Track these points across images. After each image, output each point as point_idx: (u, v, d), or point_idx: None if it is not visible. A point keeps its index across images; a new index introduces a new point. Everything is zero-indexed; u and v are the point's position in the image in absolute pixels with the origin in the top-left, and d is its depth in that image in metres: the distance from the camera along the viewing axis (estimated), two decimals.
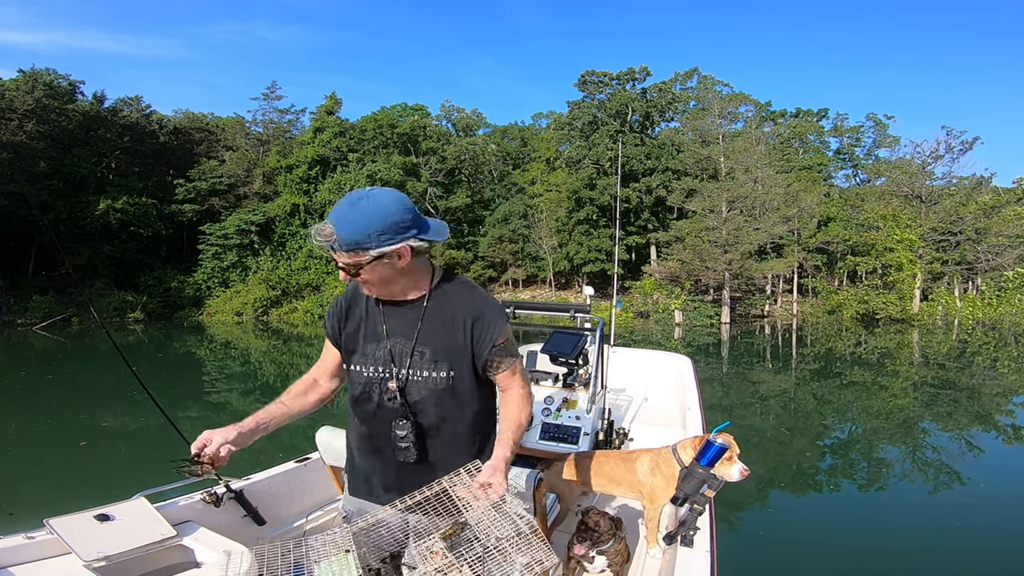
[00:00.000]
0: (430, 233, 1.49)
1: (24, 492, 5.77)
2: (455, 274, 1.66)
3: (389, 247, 1.40)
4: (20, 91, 31.51)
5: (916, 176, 29.81)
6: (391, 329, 1.57)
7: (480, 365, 1.57)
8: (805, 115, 40.44)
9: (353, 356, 1.63)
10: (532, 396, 1.64)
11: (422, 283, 1.58)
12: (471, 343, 1.55)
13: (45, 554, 1.85)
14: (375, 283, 1.50)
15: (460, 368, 1.56)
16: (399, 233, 1.41)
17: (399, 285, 1.54)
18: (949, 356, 16.99)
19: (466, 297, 1.58)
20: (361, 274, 1.45)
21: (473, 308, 1.56)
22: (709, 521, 2.27)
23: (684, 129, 34.87)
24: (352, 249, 1.39)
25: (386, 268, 1.45)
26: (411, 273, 1.53)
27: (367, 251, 1.39)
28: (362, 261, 1.41)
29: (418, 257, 1.52)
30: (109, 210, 31.97)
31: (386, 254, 1.41)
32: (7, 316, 27.14)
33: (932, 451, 7.62)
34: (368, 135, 36.59)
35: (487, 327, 1.54)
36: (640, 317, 29.35)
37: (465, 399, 1.58)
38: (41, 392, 11.42)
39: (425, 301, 1.56)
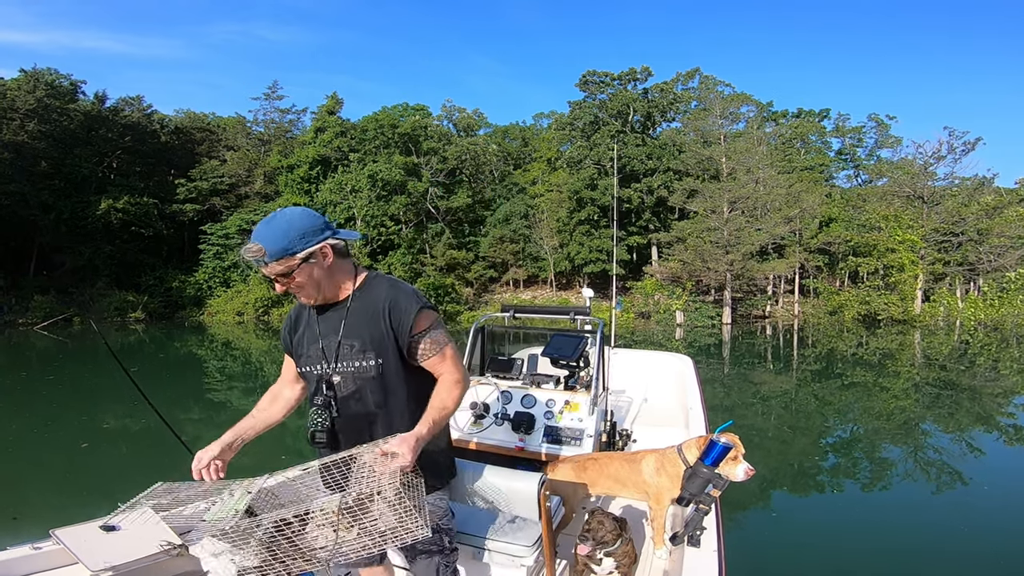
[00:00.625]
0: (343, 234, 1.67)
1: (27, 495, 5.77)
2: (380, 273, 1.78)
3: (312, 247, 1.58)
4: (22, 91, 31.51)
5: (918, 177, 29.75)
6: (323, 329, 1.72)
7: (406, 352, 1.68)
8: (807, 115, 40.38)
9: (300, 360, 1.79)
10: (465, 382, 1.70)
11: (348, 284, 1.72)
12: (392, 331, 1.65)
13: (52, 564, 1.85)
14: (308, 287, 1.64)
15: (386, 356, 1.66)
16: (316, 234, 1.59)
17: (329, 287, 1.68)
18: (951, 357, 16.96)
19: (384, 289, 1.70)
20: (295, 278, 1.60)
21: (389, 298, 1.67)
22: (716, 521, 2.27)
23: (685, 129, 34.80)
24: (280, 257, 1.56)
25: (314, 269, 1.61)
26: (337, 274, 1.68)
27: (295, 255, 1.56)
28: (292, 265, 1.57)
29: (342, 259, 1.68)
30: (110, 210, 31.98)
31: (312, 254, 1.58)
32: (8, 316, 27.15)
33: (934, 452, 7.62)
34: (369, 135, 36.56)
35: (402, 314, 1.65)
36: (641, 318, 29.33)
37: (395, 385, 1.68)
38: (42, 393, 11.42)
39: (349, 300, 1.70)
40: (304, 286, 1.64)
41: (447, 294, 31.52)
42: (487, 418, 3.27)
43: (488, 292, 35.93)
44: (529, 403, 3.32)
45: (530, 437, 3.17)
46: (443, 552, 1.76)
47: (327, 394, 1.68)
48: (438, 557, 1.76)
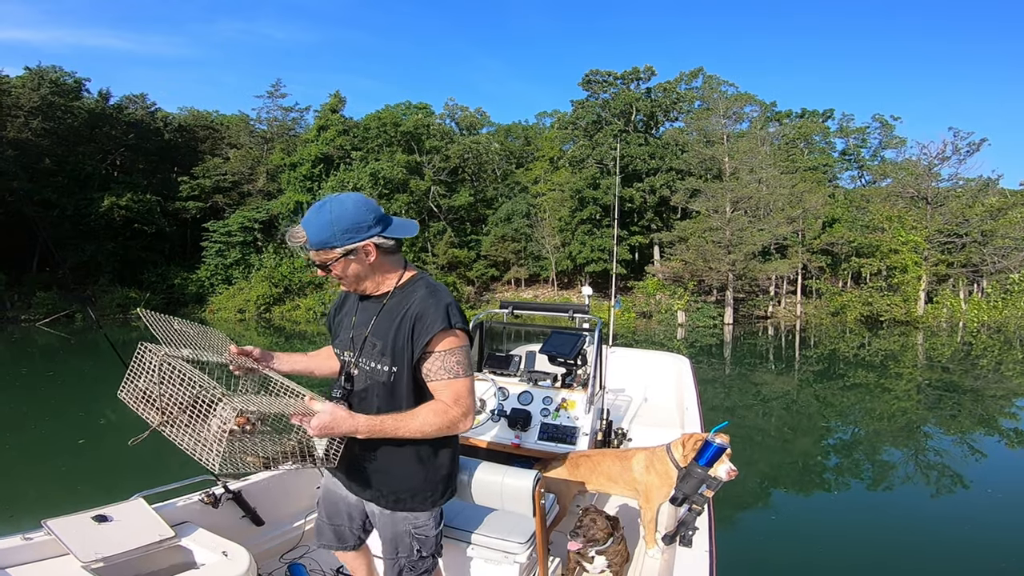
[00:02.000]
0: (394, 231, 1.60)
1: (22, 491, 5.75)
2: (427, 277, 1.70)
3: (354, 244, 1.54)
4: (26, 88, 31.60)
5: (922, 177, 29.64)
6: (358, 320, 1.70)
7: (417, 366, 1.60)
8: (810, 116, 40.25)
9: (335, 342, 1.81)
10: (454, 419, 1.57)
11: (391, 280, 1.67)
12: (411, 342, 1.58)
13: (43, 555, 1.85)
14: (348, 279, 1.63)
15: (401, 366, 1.60)
16: (362, 231, 1.54)
17: (371, 281, 1.65)
18: (953, 359, 16.89)
19: (420, 297, 1.62)
20: (332, 270, 1.59)
21: (420, 308, 1.59)
22: (708, 521, 2.27)
23: (688, 129, 34.74)
24: (320, 248, 1.54)
25: (356, 264, 1.59)
26: (381, 270, 1.64)
27: (334, 248, 1.54)
28: (330, 258, 1.56)
29: (389, 255, 1.64)
30: (113, 207, 32.06)
31: (353, 250, 1.55)
32: (11, 312, 27.21)
33: (936, 454, 7.59)
34: (372, 133, 36.59)
35: (424, 328, 1.56)
36: (643, 317, 29.30)
37: (403, 398, 1.61)
38: (41, 389, 11.41)
39: (387, 297, 1.65)
40: (343, 278, 1.63)
41: None
42: (483, 414, 3.27)
43: (489, 291, 35.94)
44: (526, 400, 3.32)
45: (526, 434, 3.17)
46: (410, 556, 1.74)
47: (344, 386, 1.68)
48: (404, 560, 1.74)
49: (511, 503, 2.07)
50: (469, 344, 1.65)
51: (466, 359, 1.61)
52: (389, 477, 1.67)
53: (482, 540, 2.22)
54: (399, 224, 1.62)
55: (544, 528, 2.12)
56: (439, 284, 1.70)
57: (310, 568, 2.50)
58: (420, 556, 1.75)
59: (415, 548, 1.73)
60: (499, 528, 2.23)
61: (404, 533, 1.72)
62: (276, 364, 1.78)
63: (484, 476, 2.10)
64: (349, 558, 2.03)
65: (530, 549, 2.20)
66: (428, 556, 1.77)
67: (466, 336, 1.63)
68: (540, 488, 2.05)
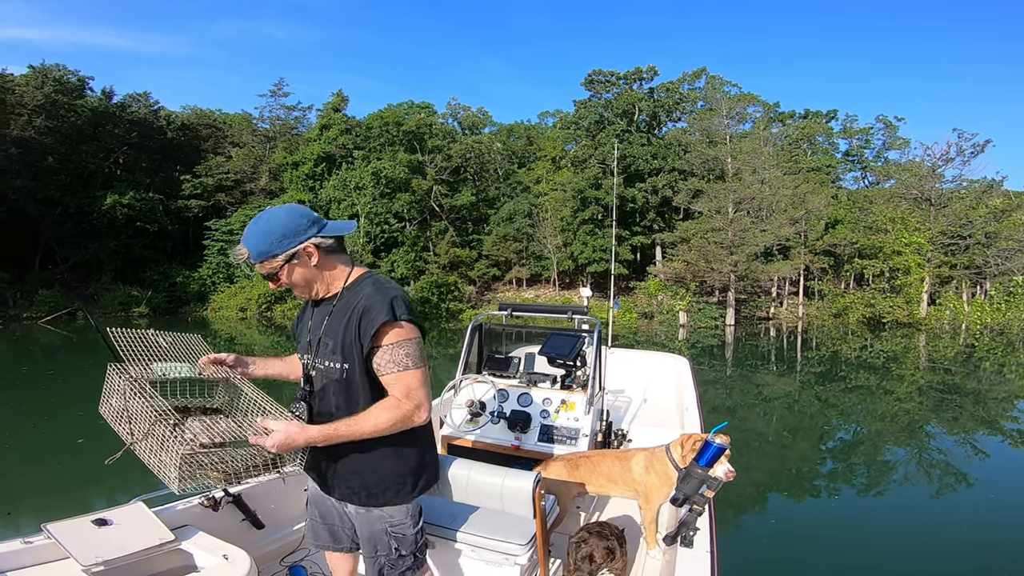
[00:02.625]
0: (331, 230, 1.63)
1: (21, 491, 5.75)
2: (375, 274, 1.72)
3: (293, 248, 1.58)
4: (30, 87, 31.68)
5: (926, 179, 29.54)
6: (314, 323, 1.74)
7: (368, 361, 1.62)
8: (814, 116, 40.13)
9: (298, 347, 1.85)
10: (407, 412, 1.58)
11: (339, 281, 1.70)
12: (358, 337, 1.60)
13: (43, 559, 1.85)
14: (298, 285, 1.66)
15: (352, 362, 1.62)
16: (299, 235, 1.58)
17: (320, 284, 1.68)
18: (956, 361, 16.84)
19: (365, 293, 1.64)
20: (281, 278, 1.62)
21: (366, 303, 1.60)
22: (709, 522, 2.27)
23: (691, 129, 34.68)
24: (263, 259, 1.59)
25: (300, 268, 1.62)
26: (328, 271, 1.67)
27: (276, 257, 1.58)
28: (275, 267, 1.60)
29: (333, 256, 1.67)
30: (116, 205, 32.13)
31: (294, 254, 1.59)
32: (13, 310, 27.27)
33: (936, 455, 7.57)
34: (374, 132, 36.59)
35: (370, 322, 1.58)
36: (644, 318, 29.26)
37: (357, 394, 1.64)
38: (41, 388, 11.42)
39: (337, 298, 1.68)
40: (294, 285, 1.66)
41: (450, 292, 31.54)
42: (483, 416, 3.27)
43: (491, 291, 35.93)
44: (525, 402, 3.32)
45: (526, 436, 3.17)
46: (388, 555, 1.76)
47: (305, 387, 1.72)
48: (383, 558, 1.76)
49: (512, 504, 2.07)
50: (420, 336, 1.66)
51: (416, 351, 1.62)
52: (358, 475, 1.69)
53: (483, 542, 2.22)
54: (335, 225, 1.66)
55: (545, 529, 2.12)
56: (387, 280, 1.72)
57: (311, 571, 2.50)
58: (399, 555, 1.76)
59: (393, 547, 1.75)
60: (500, 530, 2.23)
61: (381, 532, 1.75)
62: (252, 369, 1.83)
63: (485, 478, 2.10)
64: (341, 561, 2.03)
65: (531, 550, 2.20)
66: (408, 555, 1.78)
67: (414, 328, 1.63)
68: (540, 490, 2.05)
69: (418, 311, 24.42)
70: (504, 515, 2.21)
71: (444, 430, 3.33)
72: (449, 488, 2.15)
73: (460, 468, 2.14)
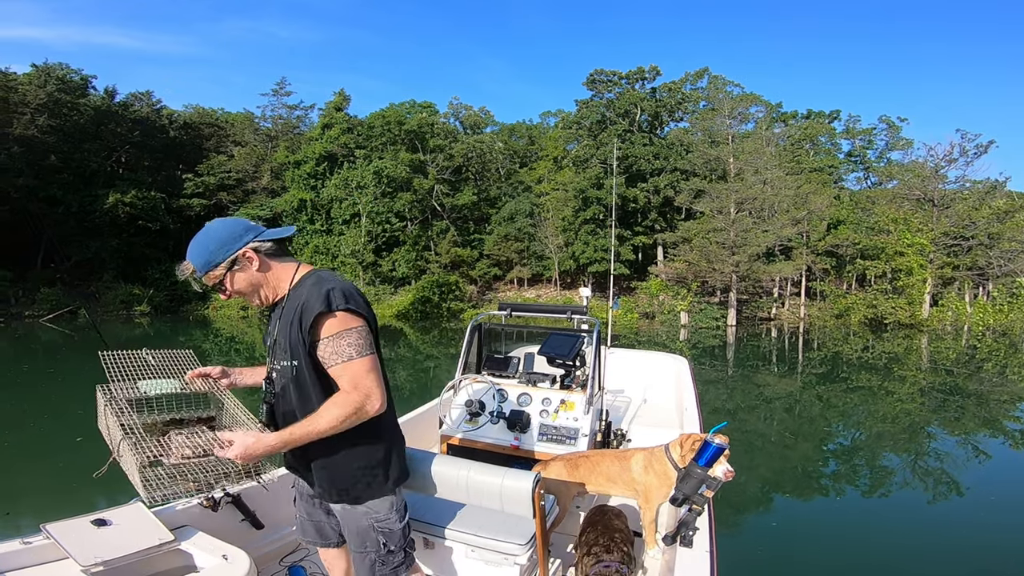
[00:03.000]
0: (269, 234, 1.70)
1: (20, 490, 5.74)
2: (320, 271, 1.74)
3: (232, 254, 1.63)
4: (33, 85, 31.73)
5: (929, 179, 29.47)
6: (271, 326, 1.79)
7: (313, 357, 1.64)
8: (817, 117, 40.05)
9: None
10: (359, 403, 1.59)
11: (285, 283, 1.73)
12: (300, 333, 1.62)
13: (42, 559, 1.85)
14: (246, 291, 1.71)
15: (300, 359, 1.65)
16: (236, 241, 1.64)
17: (267, 288, 1.72)
18: (958, 362, 16.80)
19: (306, 288, 1.66)
20: (227, 286, 1.67)
21: (305, 298, 1.63)
22: (708, 522, 2.27)
23: (693, 129, 34.61)
24: (207, 269, 1.65)
25: (242, 273, 1.67)
26: (272, 274, 1.71)
27: (218, 265, 1.64)
28: (218, 275, 1.65)
29: (275, 259, 1.71)
30: (118, 204, 32.18)
31: (234, 260, 1.64)
32: (15, 308, 27.33)
33: (937, 457, 7.56)
34: (376, 132, 36.60)
35: (308, 317, 1.60)
36: (646, 318, 29.24)
37: (309, 390, 1.66)
38: (41, 386, 11.41)
39: (285, 299, 1.72)
40: (242, 292, 1.71)
41: (451, 292, 31.54)
42: (482, 416, 3.27)
43: (492, 290, 35.92)
44: (525, 402, 3.32)
45: (525, 436, 3.17)
46: (378, 551, 1.77)
47: (267, 388, 1.76)
48: (373, 554, 1.77)
49: (511, 504, 2.08)
50: (366, 325, 1.64)
51: (359, 339, 1.61)
52: (326, 471, 1.72)
53: (482, 541, 2.22)
54: (274, 230, 1.72)
55: (544, 529, 2.13)
56: (330, 274, 1.72)
57: (310, 571, 2.50)
58: (388, 551, 1.78)
59: (381, 542, 1.77)
60: (499, 530, 2.23)
61: (368, 528, 1.76)
62: (240, 379, 1.91)
63: (484, 478, 2.10)
64: (331, 556, 2.05)
65: (530, 550, 2.20)
66: (398, 551, 1.79)
67: (355, 317, 1.62)
68: (540, 489, 2.05)
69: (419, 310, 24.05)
70: (503, 515, 2.20)
71: (443, 430, 3.33)
72: (448, 488, 2.15)
73: (459, 468, 2.14)
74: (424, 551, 2.36)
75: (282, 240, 1.74)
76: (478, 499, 2.13)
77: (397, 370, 15.05)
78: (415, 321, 28.60)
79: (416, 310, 29.82)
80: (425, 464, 2.15)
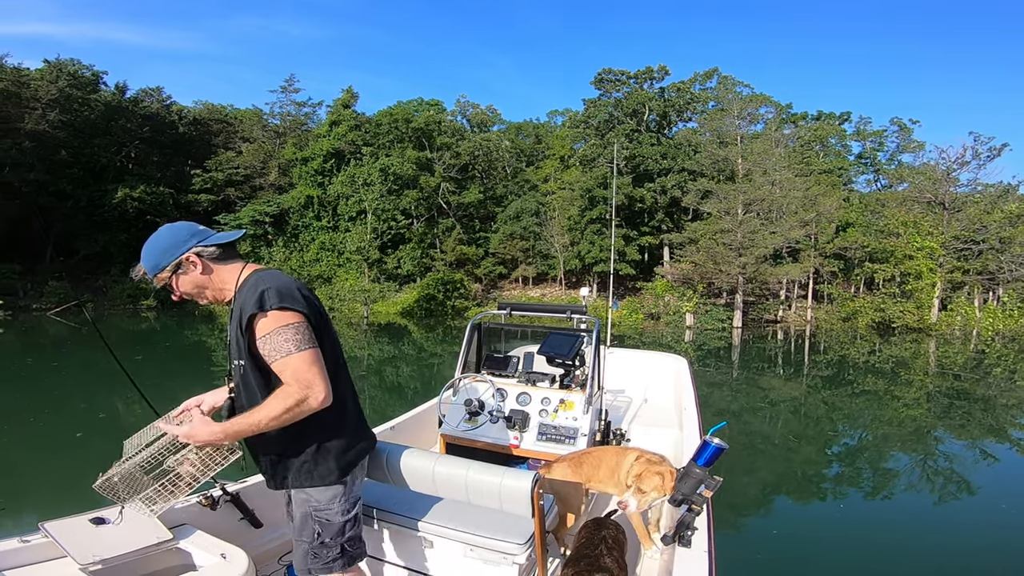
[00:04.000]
0: (214, 239, 1.76)
1: (16, 486, 5.71)
2: (262, 271, 1.78)
3: (176, 258, 1.72)
4: (45, 81, 32.02)
5: (940, 182, 29.13)
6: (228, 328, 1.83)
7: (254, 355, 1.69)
8: (827, 118, 39.75)
9: None
10: (300, 397, 1.61)
11: (231, 285, 1.79)
12: (241, 333, 1.68)
13: (40, 558, 1.85)
14: (192, 293, 1.79)
15: (245, 358, 1.70)
16: (179, 246, 1.72)
17: (212, 290, 1.79)
18: (966, 367, 16.63)
19: (246, 289, 1.71)
20: (173, 287, 1.76)
21: (243, 300, 1.68)
22: (707, 522, 2.25)
23: (702, 129, 34.42)
24: (155, 272, 1.74)
25: (186, 276, 1.75)
26: (217, 277, 1.77)
27: (164, 268, 1.73)
28: (165, 277, 1.75)
29: (220, 262, 1.77)
30: (127, 199, 32.44)
31: (179, 264, 1.73)
32: (23, 301, 27.59)
33: (943, 461, 7.50)
34: (383, 129, 36.67)
35: (244, 318, 1.65)
36: (651, 319, 29.14)
37: (255, 388, 1.71)
38: (44, 380, 11.35)
39: (233, 300, 1.77)
40: (189, 293, 1.79)
41: (456, 290, 31.57)
42: (482, 415, 3.27)
43: (497, 289, 35.92)
44: (524, 401, 3.31)
45: (525, 435, 3.17)
46: (311, 541, 1.79)
47: (230, 386, 1.83)
48: (306, 544, 1.79)
49: (510, 504, 2.08)
50: (304, 321, 1.65)
51: (297, 335, 1.62)
52: (271, 459, 1.79)
53: (481, 541, 2.22)
54: (219, 234, 1.78)
55: (543, 529, 2.12)
56: (271, 273, 1.73)
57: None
58: (321, 542, 1.78)
59: (316, 531, 1.77)
60: (498, 529, 2.23)
61: (306, 515, 1.78)
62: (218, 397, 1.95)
63: (483, 477, 2.11)
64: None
65: (529, 550, 2.20)
66: (333, 544, 1.78)
67: (292, 314, 1.63)
68: (539, 489, 2.05)
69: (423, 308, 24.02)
70: (502, 514, 2.20)
71: (443, 429, 3.33)
72: (447, 487, 2.16)
73: (458, 467, 2.14)
74: (423, 550, 2.36)
75: (231, 243, 1.79)
76: (477, 498, 2.13)
77: (401, 368, 15.08)
78: (420, 319, 28.64)
79: (421, 308, 29.86)
80: (424, 463, 2.15)
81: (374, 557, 2.45)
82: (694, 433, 3.46)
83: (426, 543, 2.35)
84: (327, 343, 1.74)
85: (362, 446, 1.90)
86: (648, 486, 2.33)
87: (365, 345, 19.91)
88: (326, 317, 1.78)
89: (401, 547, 2.43)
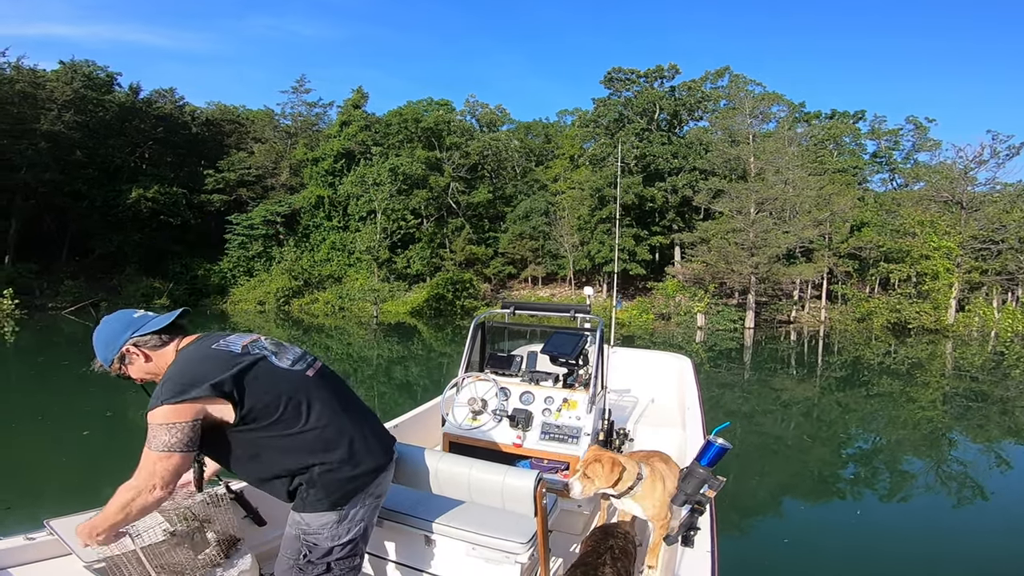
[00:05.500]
0: (147, 327, 1.82)
1: (22, 484, 5.74)
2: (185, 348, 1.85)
3: (117, 351, 1.81)
4: (60, 82, 32.54)
5: (957, 181, 28.66)
6: None
7: None
8: (841, 117, 39.26)
9: None
10: (137, 491, 1.65)
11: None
12: None
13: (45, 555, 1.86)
14: (147, 378, 1.86)
15: None
16: (115, 340, 1.81)
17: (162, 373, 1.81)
18: (983, 369, 16.34)
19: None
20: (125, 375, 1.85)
21: None
22: (711, 522, 2.24)
23: (713, 128, 34.15)
24: (107, 364, 1.84)
25: (132, 367, 1.83)
26: (158, 362, 1.83)
27: (111, 361, 1.82)
28: (117, 368, 1.84)
29: (159, 349, 1.83)
30: (141, 199, 32.88)
31: (122, 356, 1.81)
32: (39, 300, 28.03)
33: (959, 464, 7.37)
34: (393, 129, 36.84)
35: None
36: (662, 319, 28.97)
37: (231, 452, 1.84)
38: (53, 379, 11.44)
39: None
40: (144, 380, 1.86)
41: (465, 289, 31.64)
42: (485, 414, 3.27)
43: (506, 288, 35.94)
44: (527, 400, 3.30)
45: (528, 434, 3.16)
46: (297, 559, 1.82)
47: None
48: (291, 559, 1.83)
49: (512, 503, 2.07)
50: (185, 420, 1.65)
51: (163, 434, 1.64)
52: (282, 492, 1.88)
53: (483, 540, 2.22)
54: (152, 323, 1.83)
55: (545, 528, 2.12)
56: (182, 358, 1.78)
57: None
58: (308, 560, 1.82)
59: (302, 553, 1.82)
60: (500, 528, 2.22)
61: (295, 537, 1.83)
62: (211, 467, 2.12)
63: (485, 476, 2.11)
64: None
65: (531, 549, 2.19)
66: (318, 562, 1.82)
67: (170, 411, 1.64)
68: (542, 488, 2.04)
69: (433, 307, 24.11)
70: (505, 513, 2.20)
71: (446, 428, 3.34)
72: (450, 486, 2.17)
73: (461, 466, 2.14)
74: (425, 548, 2.37)
75: (171, 325, 1.85)
76: (480, 497, 2.14)
77: (410, 367, 15.11)
78: (429, 318, 28.73)
79: (430, 307, 29.96)
80: (428, 462, 2.15)
81: (376, 555, 2.44)
82: (698, 433, 3.44)
83: (428, 542, 2.35)
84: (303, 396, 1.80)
85: (365, 479, 1.87)
86: (594, 472, 2.32)
87: (375, 344, 20.00)
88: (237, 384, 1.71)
89: (403, 545, 2.42)
